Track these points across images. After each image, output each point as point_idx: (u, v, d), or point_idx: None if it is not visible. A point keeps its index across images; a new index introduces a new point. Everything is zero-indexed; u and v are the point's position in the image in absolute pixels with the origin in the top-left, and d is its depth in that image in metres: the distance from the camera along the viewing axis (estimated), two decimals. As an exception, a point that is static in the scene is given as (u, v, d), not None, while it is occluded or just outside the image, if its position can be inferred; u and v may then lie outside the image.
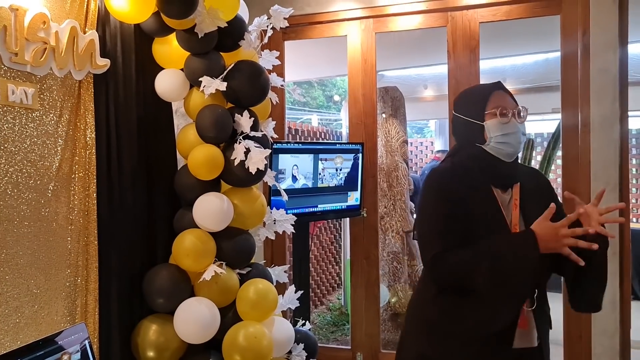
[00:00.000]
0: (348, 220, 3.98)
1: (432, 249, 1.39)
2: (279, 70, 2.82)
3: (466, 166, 1.48)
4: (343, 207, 2.99)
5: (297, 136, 5.09)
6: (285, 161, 2.71)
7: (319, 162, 2.86)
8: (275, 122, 2.45)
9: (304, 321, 2.50)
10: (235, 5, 2.04)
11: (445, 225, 1.40)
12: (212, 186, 2.07)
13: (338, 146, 3.12)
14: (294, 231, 2.42)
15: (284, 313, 2.40)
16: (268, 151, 2.04)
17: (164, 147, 2.18)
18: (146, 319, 2.02)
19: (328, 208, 2.93)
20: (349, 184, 2.99)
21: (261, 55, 2.28)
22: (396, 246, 4.02)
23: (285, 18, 2.24)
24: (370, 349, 3.06)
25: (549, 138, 4.56)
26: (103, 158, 1.89)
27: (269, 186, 2.46)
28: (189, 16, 1.89)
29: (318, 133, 5.63)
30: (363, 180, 3.02)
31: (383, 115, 4.16)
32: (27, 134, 1.65)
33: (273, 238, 2.38)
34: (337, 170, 2.94)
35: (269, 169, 2.24)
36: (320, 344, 2.74)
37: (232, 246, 2.07)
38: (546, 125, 6.94)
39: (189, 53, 2.03)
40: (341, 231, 5.38)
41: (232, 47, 2.13)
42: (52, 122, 1.74)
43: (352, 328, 3.12)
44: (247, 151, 1.99)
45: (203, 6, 1.92)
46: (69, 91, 1.80)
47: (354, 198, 3.01)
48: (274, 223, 2.34)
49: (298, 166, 2.77)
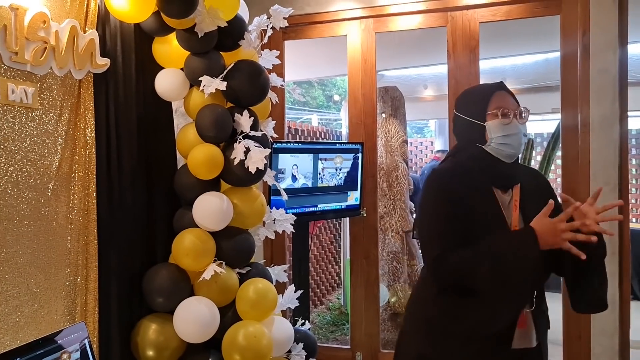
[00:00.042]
0: (348, 220, 3.98)
1: (433, 250, 1.40)
2: (279, 70, 2.82)
3: (467, 166, 1.48)
4: (343, 207, 2.99)
5: (297, 136, 5.09)
6: (285, 161, 2.71)
7: (319, 162, 2.86)
8: (275, 122, 2.45)
9: (304, 321, 2.50)
10: (235, 4, 2.04)
11: (445, 225, 1.40)
12: (212, 186, 2.07)
13: (338, 146, 3.12)
14: (294, 231, 2.42)
15: (284, 312, 2.40)
16: (268, 151, 2.04)
17: (164, 147, 2.18)
18: (146, 318, 2.02)
19: (328, 208, 2.93)
20: (349, 184, 2.99)
21: (261, 54, 2.28)
22: (396, 246, 4.02)
23: (285, 18, 2.24)
24: (369, 349, 3.06)
25: (549, 138, 4.55)
26: (103, 157, 1.89)
27: (269, 186, 2.46)
28: (189, 16, 1.89)
29: (318, 133, 5.63)
30: (363, 180, 3.03)
31: (383, 115, 4.16)
32: (27, 133, 1.65)
33: (273, 237, 2.38)
34: (337, 170, 2.94)
35: (269, 169, 2.24)
36: (319, 344, 2.74)
37: (232, 246, 2.07)
38: (546, 125, 6.93)
39: (189, 52, 2.03)
40: (341, 231, 5.38)
41: (232, 47, 2.13)
42: (52, 122, 1.74)
43: (352, 328, 3.12)
44: (247, 151, 1.99)
45: (203, 6, 1.92)
46: (69, 90, 1.80)
47: (354, 198, 3.02)
48: (274, 222, 2.34)
49: (298, 166, 2.77)
